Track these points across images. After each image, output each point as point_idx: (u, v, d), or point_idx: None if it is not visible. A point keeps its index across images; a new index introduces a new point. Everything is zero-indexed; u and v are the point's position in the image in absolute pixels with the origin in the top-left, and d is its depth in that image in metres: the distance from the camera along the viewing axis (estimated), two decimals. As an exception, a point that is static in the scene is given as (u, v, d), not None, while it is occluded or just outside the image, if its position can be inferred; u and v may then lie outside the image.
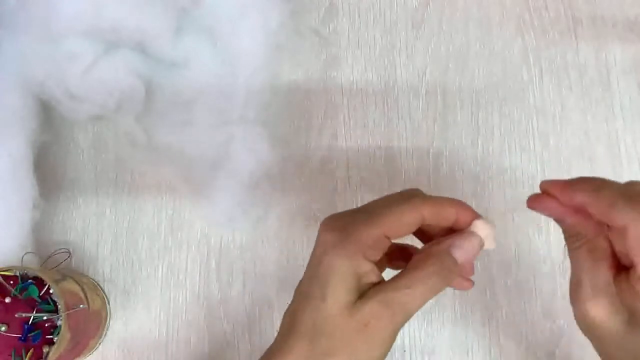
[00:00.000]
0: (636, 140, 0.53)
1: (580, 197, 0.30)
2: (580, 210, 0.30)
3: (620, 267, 0.31)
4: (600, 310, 0.30)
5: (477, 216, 0.34)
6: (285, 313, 0.35)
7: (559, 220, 0.32)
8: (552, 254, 0.51)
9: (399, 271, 0.33)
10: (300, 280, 0.35)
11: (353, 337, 0.31)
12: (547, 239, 0.51)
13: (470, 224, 0.33)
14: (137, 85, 0.50)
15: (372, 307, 0.31)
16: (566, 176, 0.52)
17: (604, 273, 0.30)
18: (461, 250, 0.33)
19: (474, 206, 0.35)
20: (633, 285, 0.29)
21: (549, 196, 0.31)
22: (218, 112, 0.51)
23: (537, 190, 0.33)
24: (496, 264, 0.50)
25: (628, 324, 0.30)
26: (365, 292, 0.32)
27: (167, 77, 0.52)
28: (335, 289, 0.31)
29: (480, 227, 0.33)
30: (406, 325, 0.49)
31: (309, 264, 0.34)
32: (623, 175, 0.52)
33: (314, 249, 0.34)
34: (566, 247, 0.33)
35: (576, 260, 0.32)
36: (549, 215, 0.32)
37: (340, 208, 0.51)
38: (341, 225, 0.33)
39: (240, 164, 0.49)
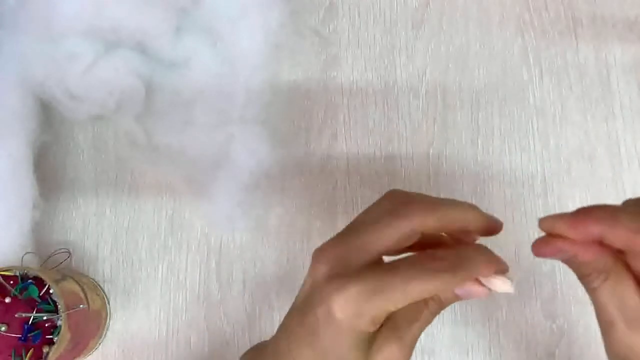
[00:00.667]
0: (636, 140, 0.53)
1: (597, 229, 0.27)
2: (592, 244, 0.27)
3: None
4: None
5: (499, 269, 0.30)
6: (281, 326, 0.33)
7: (571, 261, 0.29)
8: (552, 254, 0.51)
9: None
10: (297, 300, 0.32)
11: None
12: (547, 239, 0.51)
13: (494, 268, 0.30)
14: (137, 85, 0.50)
15: (390, 351, 0.29)
16: (566, 177, 0.52)
17: (636, 302, 0.28)
18: (464, 292, 0.30)
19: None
20: None
21: (556, 236, 0.28)
22: (218, 112, 0.51)
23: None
24: (496, 264, 0.50)
25: None
26: (375, 335, 0.30)
27: (167, 77, 0.52)
28: (342, 333, 0.29)
29: (496, 285, 0.30)
30: (406, 325, 0.50)
31: (302, 289, 0.32)
32: (623, 175, 0.52)
33: (307, 277, 0.31)
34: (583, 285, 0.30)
35: (601, 297, 0.29)
36: (562, 258, 0.29)
37: (341, 208, 0.52)
38: (331, 255, 0.30)
39: (240, 164, 0.49)
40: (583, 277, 0.29)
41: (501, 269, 0.30)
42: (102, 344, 0.49)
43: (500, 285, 0.30)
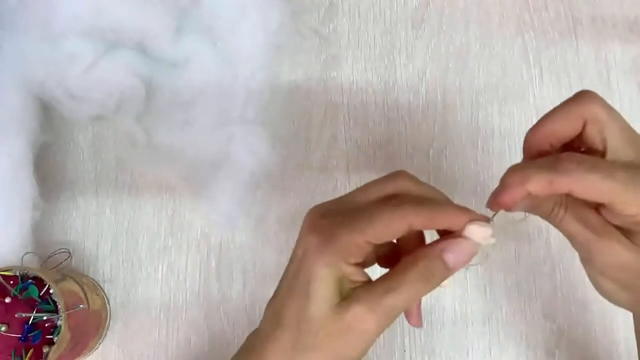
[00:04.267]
0: (636, 140, 0.53)
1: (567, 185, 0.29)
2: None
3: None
4: (618, 248, 0.30)
5: (471, 219, 0.32)
6: (269, 303, 0.34)
7: (535, 205, 0.32)
8: (552, 254, 0.51)
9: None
10: (285, 272, 0.34)
11: (336, 338, 0.31)
12: (547, 239, 0.51)
13: (463, 229, 0.32)
14: (137, 85, 0.50)
15: (356, 311, 0.31)
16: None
17: (597, 217, 0.31)
18: (453, 255, 0.31)
19: (473, 206, 0.34)
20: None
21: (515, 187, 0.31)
22: (218, 112, 0.51)
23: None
24: (496, 264, 0.50)
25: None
26: (349, 293, 0.31)
27: (167, 77, 0.52)
28: (317, 292, 0.31)
29: (474, 232, 0.32)
30: (406, 325, 0.50)
31: (291, 260, 0.34)
32: (623, 175, 0.52)
33: (297, 247, 0.33)
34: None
35: (569, 225, 0.31)
36: (524, 206, 0.32)
37: (340, 208, 0.52)
38: (324, 227, 0.32)
39: (240, 164, 0.49)
40: (549, 216, 0.32)
41: (476, 218, 0.32)
42: (102, 344, 0.49)
43: (478, 230, 0.31)
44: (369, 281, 0.32)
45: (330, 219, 0.32)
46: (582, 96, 0.32)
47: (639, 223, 0.30)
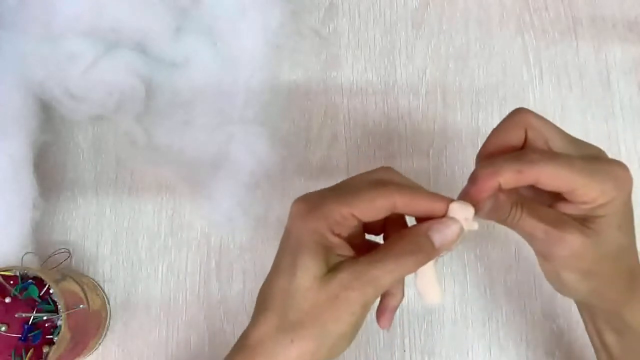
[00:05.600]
0: (636, 140, 0.53)
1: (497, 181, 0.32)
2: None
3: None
4: (576, 236, 0.32)
5: (452, 200, 0.33)
6: (260, 289, 0.35)
7: (497, 208, 0.33)
8: (552, 254, 0.51)
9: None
10: (275, 256, 0.34)
11: (322, 310, 0.31)
12: (547, 239, 0.51)
13: (446, 212, 0.33)
14: (137, 85, 0.50)
15: (342, 279, 0.31)
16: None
17: (553, 212, 0.33)
18: (439, 234, 0.32)
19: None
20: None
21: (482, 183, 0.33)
22: (218, 112, 0.51)
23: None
24: (496, 264, 0.50)
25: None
26: (336, 265, 0.32)
27: (167, 77, 0.52)
28: (304, 261, 0.31)
29: (457, 211, 0.32)
30: (406, 325, 0.50)
31: (281, 238, 0.34)
32: (623, 175, 0.52)
33: (286, 226, 0.34)
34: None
35: (527, 223, 0.33)
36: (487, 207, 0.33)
37: (340, 208, 0.52)
38: (312, 199, 0.33)
39: (240, 164, 0.49)
40: (507, 217, 0.33)
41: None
42: (102, 344, 0.49)
43: (461, 209, 0.32)
44: (354, 256, 0.33)
45: (316, 195, 0.33)
46: (519, 110, 0.34)
47: (596, 208, 0.31)
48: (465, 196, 0.33)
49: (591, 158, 0.32)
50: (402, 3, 0.56)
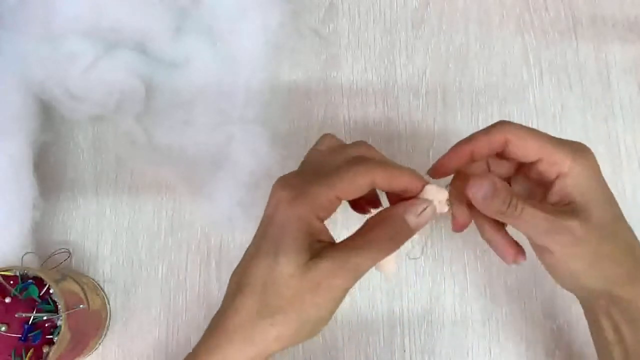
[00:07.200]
0: (636, 140, 0.53)
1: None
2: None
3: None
4: (576, 222, 0.33)
5: (427, 182, 0.35)
6: (232, 274, 0.35)
7: (492, 197, 0.33)
8: (552, 254, 0.51)
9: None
10: (253, 238, 0.35)
11: (304, 296, 0.32)
12: (547, 239, 0.51)
13: (421, 190, 0.34)
14: (137, 85, 0.50)
15: (325, 267, 0.31)
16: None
17: (549, 205, 0.35)
18: (414, 216, 0.34)
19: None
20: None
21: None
22: (218, 112, 0.51)
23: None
24: (496, 264, 0.50)
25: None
26: (317, 252, 0.32)
27: (167, 77, 0.52)
28: (289, 247, 0.32)
29: (431, 193, 0.34)
30: (406, 325, 0.50)
31: (260, 223, 0.34)
32: (623, 175, 0.52)
33: (266, 207, 0.34)
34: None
35: (530, 214, 0.33)
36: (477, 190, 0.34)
37: (340, 208, 0.51)
38: (295, 184, 0.33)
39: (240, 163, 0.49)
40: (507, 208, 0.33)
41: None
42: (102, 344, 0.49)
43: (436, 191, 0.34)
44: (334, 243, 0.33)
45: (297, 178, 0.34)
46: (502, 122, 0.35)
47: (569, 183, 0.34)
48: (438, 165, 0.35)
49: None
50: (402, 3, 0.56)
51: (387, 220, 0.33)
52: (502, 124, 0.35)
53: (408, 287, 0.51)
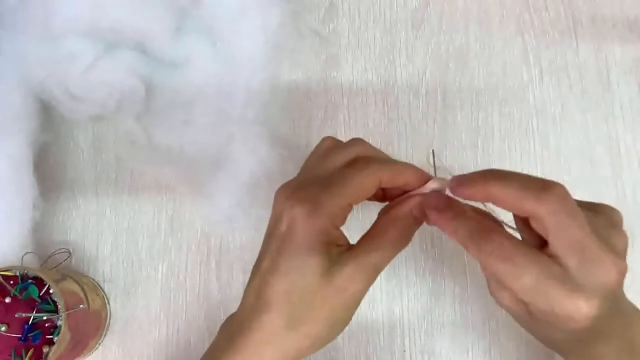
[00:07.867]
0: (636, 140, 0.53)
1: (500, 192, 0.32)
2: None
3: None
4: (506, 301, 0.34)
5: (430, 176, 0.36)
6: (248, 286, 0.35)
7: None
8: (552, 254, 0.51)
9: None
10: (263, 252, 0.35)
11: (332, 302, 0.33)
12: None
13: (424, 182, 0.36)
14: (137, 85, 0.50)
15: (348, 272, 0.33)
16: (566, 176, 0.52)
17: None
18: (420, 209, 0.35)
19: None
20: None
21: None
22: (218, 112, 0.51)
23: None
24: (496, 264, 0.50)
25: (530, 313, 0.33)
26: (337, 257, 0.33)
27: (167, 77, 0.52)
28: (313, 261, 0.32)
29: (435, 185, 0.36)
30: (406, 325, 0.50)
31: (271, 238, 0.35)
32: (623, 175, 0.52)
33: (276, 222, 0.35)
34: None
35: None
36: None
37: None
38: (305, 198, 0.33)
39: (240, 163, 0.49)
40: (483, 251, 0.33)
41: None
42: (102, 344, 0.49)
43: (437, 183, 0.36)
44: (350, 245, 0.35)
45: (307, 190, 0.34)
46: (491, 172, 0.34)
47: (551, 225, 0.31)
48: (457, 187, 0.34)
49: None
50: (402, 3, 0.56)
51: (399, 221, 0.35)
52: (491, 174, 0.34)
53: (408, 287, 0.51)
